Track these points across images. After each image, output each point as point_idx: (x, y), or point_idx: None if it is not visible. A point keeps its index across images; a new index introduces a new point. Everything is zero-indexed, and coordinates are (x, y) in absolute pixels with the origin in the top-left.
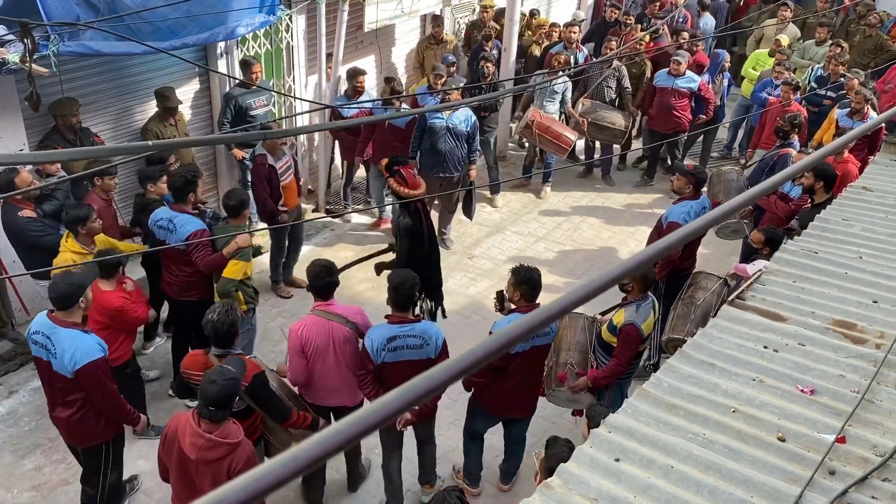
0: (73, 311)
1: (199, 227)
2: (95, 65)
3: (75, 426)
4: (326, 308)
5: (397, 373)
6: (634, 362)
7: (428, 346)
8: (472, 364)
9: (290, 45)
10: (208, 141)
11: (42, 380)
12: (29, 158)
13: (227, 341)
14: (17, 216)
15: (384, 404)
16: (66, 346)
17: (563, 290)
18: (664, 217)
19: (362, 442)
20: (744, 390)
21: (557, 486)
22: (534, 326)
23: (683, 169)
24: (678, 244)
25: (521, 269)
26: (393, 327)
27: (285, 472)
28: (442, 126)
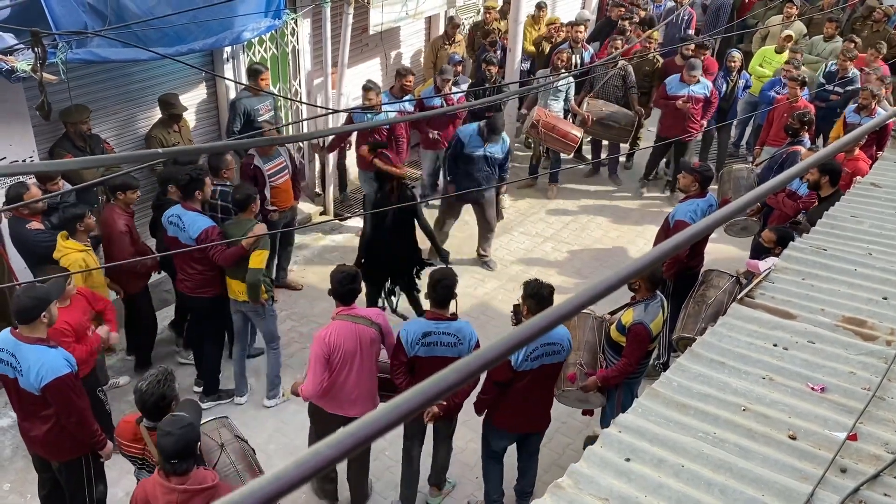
0: (37, 325)
1: (207, 226)
2: (102, 71)
3: (53, 441)
4: (350, 312)
5: (429, 368)
6: (644, 362)
7: (461, 345)
8: (492, 360)
9: (296, 49)
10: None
11: (10, 397)
12: (41, 167)
13: (158, 414)
14: (26, 229)
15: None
16: (32, 363)
17: (572, 290)
18: (671, 216)
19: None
20: (754, 388)
21: (568, 487)
22: (544, 327)
23: (689, 167)
24: (686, 243)
25: (532, 284)
26: (429, 323)
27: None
28: (480, 156)
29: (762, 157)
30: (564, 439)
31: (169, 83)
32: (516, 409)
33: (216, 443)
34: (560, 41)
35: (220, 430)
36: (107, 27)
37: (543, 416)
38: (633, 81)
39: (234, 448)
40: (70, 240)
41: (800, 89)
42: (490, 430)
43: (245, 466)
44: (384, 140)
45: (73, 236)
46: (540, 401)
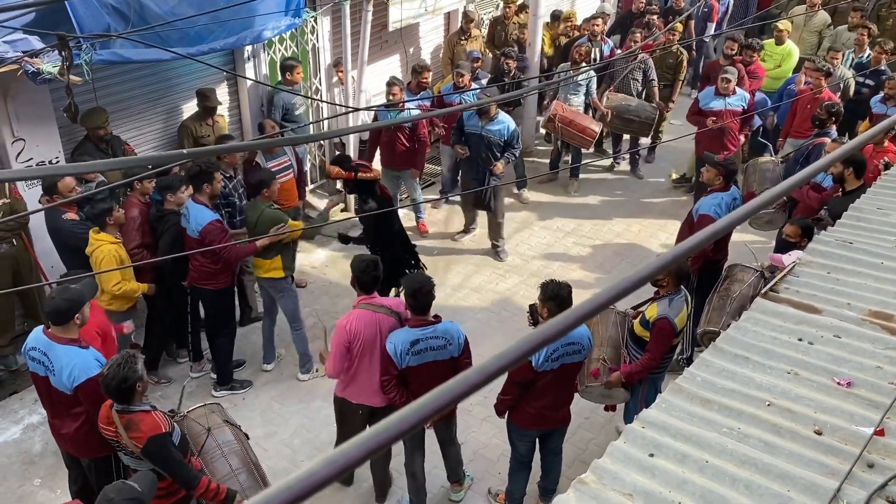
0: (70, 326)
1: (211, 220)
2: (125, 72)
3: (82, 438)
4: (371, 301)
5: (422, 374)
6: (668, 356)
7: (451, 346)
8: (515, 360)
9: (316, 47)
10: (242, 147)
11: (40, 395)
12: (69, 170)
13: (122, 397)
14: (62, 219)
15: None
16: (65, 364)
17: (594, 285)
18: (695, 210)
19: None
20: (778, 383)
21: (592, 482)
22: (568, 326)
23: (713, 160)
24: (711, 238)
25: (551, 285)
26: (415, 331)
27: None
28: (477, 135)
29: (786, 149)
30: (587, 434)
31: (191, 83)
32: (537, 408)
33: (203, 427)
34: (577, 36)
35: (208, 416)
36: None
37: (564, 414)
38: (654, 74)
39: (222, 432)
40: (102, 233)
41: (824, 80)
42: (512, 429)
43: (232, 450)
44: (407, 139)
45: (103, 230)
46: (560, 399)
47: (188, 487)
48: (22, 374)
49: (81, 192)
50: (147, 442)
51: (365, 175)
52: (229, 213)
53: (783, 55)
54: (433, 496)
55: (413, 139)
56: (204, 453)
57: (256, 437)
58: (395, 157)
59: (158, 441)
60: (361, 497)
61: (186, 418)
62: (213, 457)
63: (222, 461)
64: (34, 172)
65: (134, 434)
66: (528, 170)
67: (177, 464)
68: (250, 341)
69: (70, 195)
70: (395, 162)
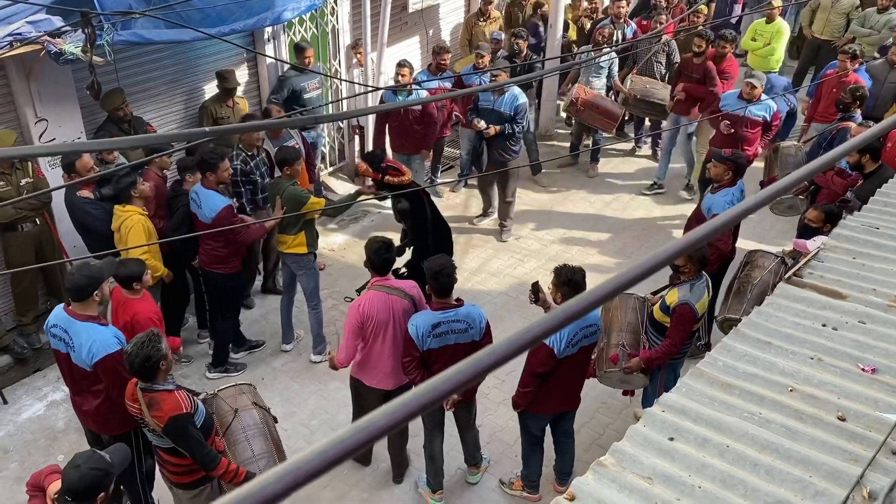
0: (89, 303)
1: (223, 206)
2: (146, 53)
3: (103, 415)
4: (385, 283)
5: (444, 357)
6: (688, 342)
7: (472, 330)
8: (519, 347)
9: (336, 29)
10: (260, 126)
11: (62, 371)
12: (93, 146)
13: (146, 375)
14: (76, 195)
15: (433, 387)
16: (84, 340)
17: (614, 270)
18: (706, 209)
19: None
20: (801, 369)
21: (611, 465)
22: (585, 307)
23: (721, 155)
24: (731, 223)
25: (564, 270)
26: (437, 314)
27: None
28: (487, 110)
29: (810, 133)
30: (605, 419)
31: (212, 64)
32: (552, 393)
33: (230, 408)
34: (600, 18)
35: (238, 396)
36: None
37: (577, 396)
38: (678, 57)
39: (249, 414)
40: (128, 205)
41: (850, 62)
42: (525, 414)
43: (257, 432)
44: (417, 119)
45: (128, 203)
46: (575, 382)
47: (207, 468)
48: (45, 352)
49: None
50: (168, 421)
51: (392, 180)
52: (251, 191)
53: (773, 33)
54: (450, 478)
55: (422, 121)
56: (228, 434)
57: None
58: (406, 141)
59: (179, 421)
60: (379, 477)
61: (216, 397)
62: (237, 439)
63: (244, 444)
64: (56, 148)
65: (156, 413)
66: (548, 153)
67: (196, 444)
68: (269, 322)
69: (88, 174)
70: (405, 147)
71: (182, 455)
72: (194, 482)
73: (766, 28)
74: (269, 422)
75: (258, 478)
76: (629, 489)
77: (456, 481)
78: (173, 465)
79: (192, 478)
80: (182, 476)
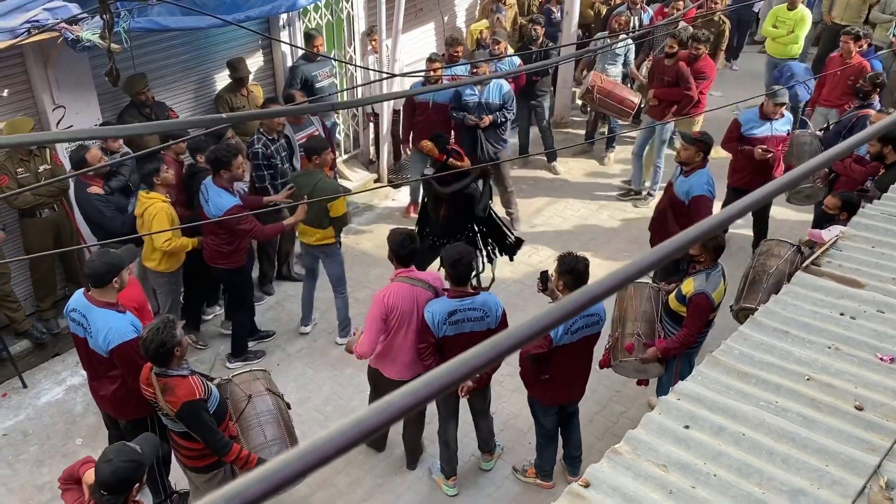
0: (108, 290)
1: (231, 204)
2: (162, 40)
3: (120, 400)
4: (409, 274)
5: (459, 344)
6: (704, 332)
7: (488, 318)
8: (531, 335)
9: (351, 15)
10: (277, 113)
11: (80, 356)
12: (112, 132)
13: (161, 361)
14: (86, 192)
15: (446, 372)
16: (101, 326)
17: (627, 258)
18: (682, 192)
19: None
20: (819, 358)
21: (626, 452)
22: (595, 297)
23: (690, 137)
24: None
25: (568, 258)
26: (453, 302)
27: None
28: (475, 103)
29: (816, 118)
30: (618, 408)
31: (227, 51)
32: (557, 382)
33: (244, 394)
34: (616, 4)
35: (252, 382)
36: None
37: (580, 386)
38: None
39: (263, 401)
40: (151, 192)
41: (853, 43)
42: (535, 405)
43: (270, 419)
44: (443, 117)
45: (152, 190)
46: (582, 371)
47: (219, 454)
48: (64, 337)
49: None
50: (181, 407)
51: (456, 162)
52: (271, 175)
53: (796, 21)
54: (463, 464)
55: (448, 119)
56: (242, 420)
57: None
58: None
59: (192, 407)
60: (393, 464)
61: (231, 382)
62: (250, 425)
63: (257, 430)
64: (77, 134)
65: (169, 398)
66: (563, 141)
67: (208, 430)
68: (285, 308)
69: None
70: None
71: (195, 439)
72: (207, 466)
73: (789, 15)
74: (283, 408)
75: (277, 458)
76: (644, 476)
77: (469, 468)
78: (187, 449)
79: (206, 462)
80: (195, 460)
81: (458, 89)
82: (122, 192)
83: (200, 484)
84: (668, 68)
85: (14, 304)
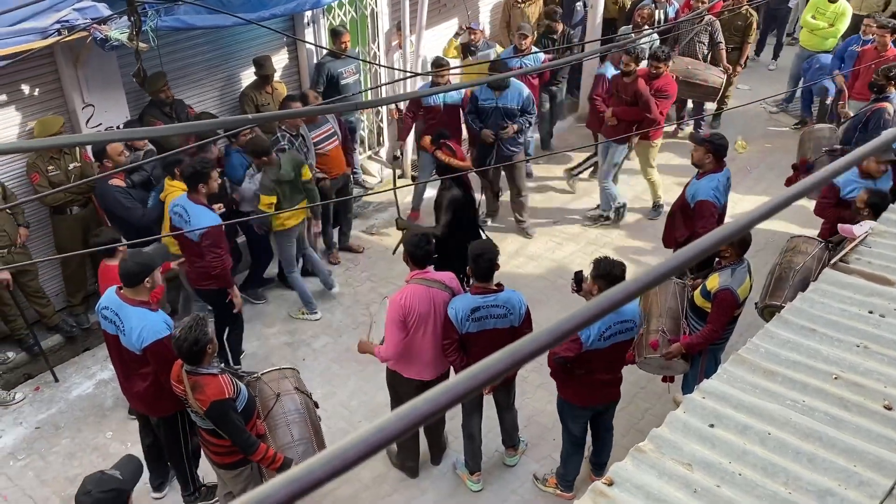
0: (140, 289)
1: (211, 224)
2: (187, 39)
3: (151, 397)
4: (424, 275)
5: (482, 341)
6: (729, 328)
7: (511, 315)
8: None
9: (375, 12)
10: (303, 113)
11: (111, 353)
12: (141, 133)
13: (193, 359)
14: (107, 184)
15: (473, 375)
16: (134, 325)
17: (653, 255)
18: (690, 196)
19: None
20: (847, 357)
21: (650, 451)
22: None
23: (700, 138)
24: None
25: (603, 263)
26: (476, 298)
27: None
28: (492, 108)
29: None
30: (643, 404)
31: (251, 49)
32: (587, 385)
33: (273, 392)
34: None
35: (280, 381)
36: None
37: (613, 391)
38: (721, 37)
39: (291, 399)
40: (175, 180)
41: (889, 36)
42: (565, 407)
43: (298, 418)
44: (454, 119)
45: (174, 178)
46: (612, 377)
47: (246, 452)
48: (94, 332)
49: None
50: (210, 405)
51: (441, 156)
52: None
53: (836, 14)
54: (488, 459)
55: (459, 120)
56: (270, 418)
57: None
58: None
59: (221, 406)
60: None
61: (259, 380)
62: (278, 423)
63: (284, 429)
64: (108, 136)
65: (199, 396)
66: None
67: (236, 429)
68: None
69: (120, 158)
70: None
71: (223, 436)
72: (234, 463)
73: (830, 8)
74: (310, 407)
75: (304, 462)
76: (668, 475)
77: (493, 463)
78: (215, 445)
79: (233, 458)
80: (223, 456)
81: (475, 93)
82: (144, 186)
83: (228, 479)
84: (626, 86)
85: (43, 300)
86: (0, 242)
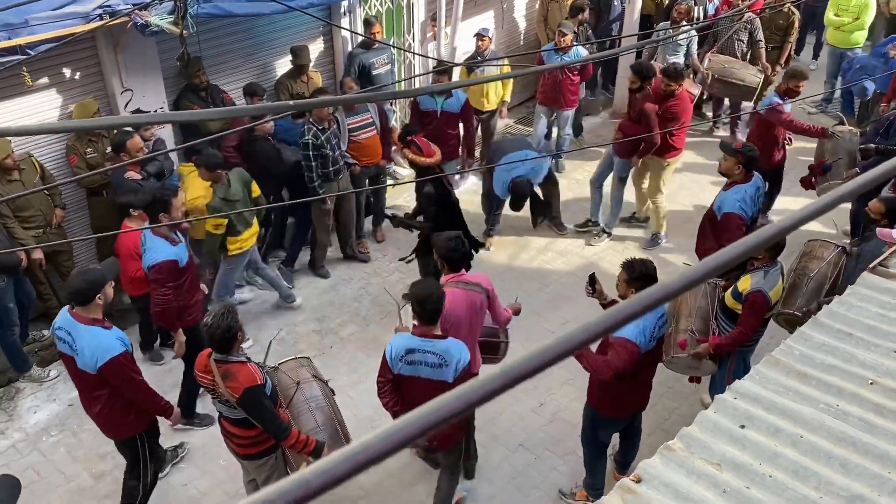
0: (92, 307)
1: (162, 260)
2: (225, 26)
3: (106, 419)
4: (460, 278)
5: (414, 388)
6: (759, 330)
7: (446, 368)
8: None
9: (410, 3)
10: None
11: (70, 374)
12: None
13: (224, 347)
14: (123, 177)
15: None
16: (86, 344)
17: (684, 253)
18: (716, 207)
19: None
20: (883, 362)
21: (679, 450)
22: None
23: (731, 147)
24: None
25: (635, 264)
26: (414, 339)
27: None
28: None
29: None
30: (671, 404)
31: (287, 37)
32: (629, 393)
33: (293, 381)
34: None
35: (298, 370)
36: None
37: (649, 393)
38: (761, 35)
39: (311, 386)
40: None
41: None
42: (600, 420)
43: (321, 403)
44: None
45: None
46: (650, 378)
47: (279, 438)
48: (128, 313)
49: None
50: (243, 393)
51: (408, 155)
52: (321, 164)
53: (860, 7)
54: (501, 457)
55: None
56: (292, 406)
57: (343, 386)
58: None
59: (254, 392)
60: None
61: (278, 370)
62: (300, 410)
63: (308, 415)
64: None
65: (230, 384)
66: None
67: (269, 415)
68: (339, 292)
69: (138, 154)
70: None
71: (248, 426)
72: (259, 453)
73: (850, 2)
74: (329, 394)
75: (330, 455)
76: (697, 474)
77: (509, 459)
78: (239, 437)
79: (257, 449)
80: (247, 448)
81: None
82: (157, 176)
83: (253, 469)
84: (637, 101)
85: None
86: (35, 223)
